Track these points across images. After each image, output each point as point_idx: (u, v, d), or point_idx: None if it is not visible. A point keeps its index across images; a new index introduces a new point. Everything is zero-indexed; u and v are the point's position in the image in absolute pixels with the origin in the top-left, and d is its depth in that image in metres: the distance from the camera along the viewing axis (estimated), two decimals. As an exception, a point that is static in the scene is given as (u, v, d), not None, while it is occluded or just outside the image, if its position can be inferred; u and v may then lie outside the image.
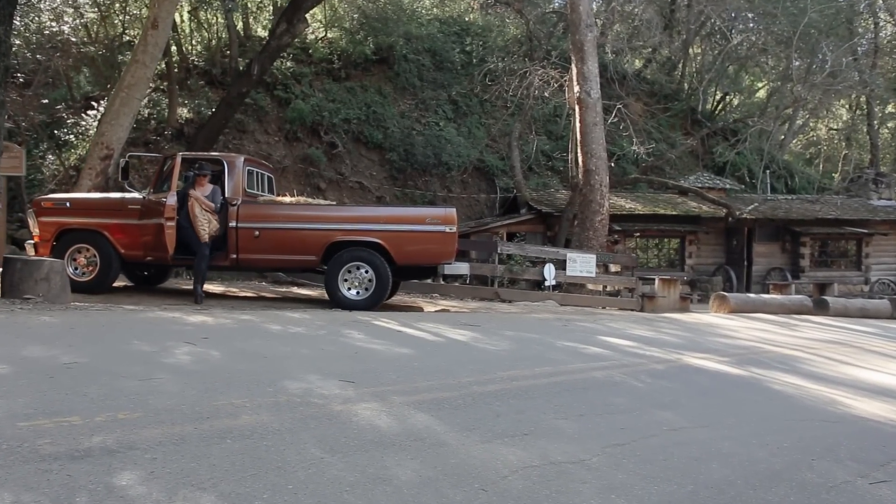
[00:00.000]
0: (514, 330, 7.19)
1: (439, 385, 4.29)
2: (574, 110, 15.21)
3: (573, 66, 14.75)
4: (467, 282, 8.75)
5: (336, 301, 8.27)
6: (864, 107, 25.83)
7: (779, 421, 4.53)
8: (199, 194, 8.06)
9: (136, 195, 8.62)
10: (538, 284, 12.22)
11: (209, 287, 10.17)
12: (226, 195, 8.36)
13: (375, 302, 8.28)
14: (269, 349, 4.87)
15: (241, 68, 13.87)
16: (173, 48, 19.49)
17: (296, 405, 3.46)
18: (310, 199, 8.74)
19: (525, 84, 15.68)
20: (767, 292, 18.06)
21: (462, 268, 8.47)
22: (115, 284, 9.54)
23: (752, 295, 12.72)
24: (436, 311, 9.17)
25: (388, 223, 8.33)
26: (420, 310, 9.35)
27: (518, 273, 11.42)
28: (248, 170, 8.74)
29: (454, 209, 8.35)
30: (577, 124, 14.63)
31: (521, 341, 6.47)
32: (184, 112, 18.81)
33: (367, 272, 8.30)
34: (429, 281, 11.47)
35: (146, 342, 4.65)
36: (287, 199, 8.84)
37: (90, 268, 8.35)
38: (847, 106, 32.01)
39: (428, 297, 10.99)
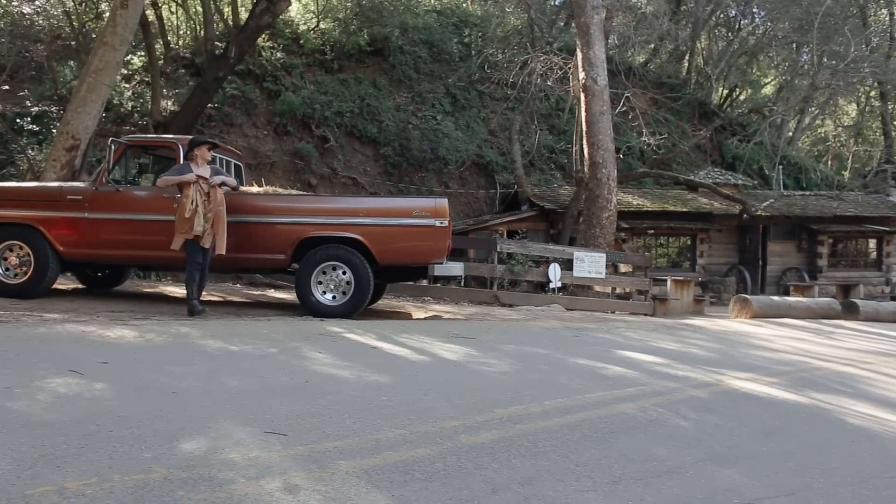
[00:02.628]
0: (515, 343, 5.87)
1: (412, 435, 2.98)
2: (579, 99, 13.90)
3: (578, 52, 13.44)
4: (461, 284, 7.46)
5: (308, 307, 6.96)
6: (879, 100, 24.46)
7: (884, 479, 3.23)
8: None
9: (80, 185, 7.31)
10: (541, 286, 10.93)
11: (170, 290, 8.87)
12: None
13: (354, 308, 6.97)
14: (187, 380, 3.55)
15: (216, 52, 12.55)
16: (158, 40, 18.28)
17: (174, 487, 2.14)
18: (279, 189, 7.43)
19: (527, 71, 14.35)
20: (785, 294, 16.72)
21: (455, 268, 7.14)
22: (64, 287, 8.26)
23: (775, 298, 11.39)
24: (426, 319, 7.85)
25: (369, 216, 7.01)
26: (408, 316, 8.03)
27: (520, 274, 10.11)
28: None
29: (446, 200, 7.02)
30: (583, 113, 13.31)
31: (524, 359, 5.14)
32: (168, 104, 17.57)
33: (344, 273, 6.99)
34: (424, 283, 10.18)
35: (7, 371, 3.33)
36: (254, 188, 7.52)
37: (23, 268, 7.03)
38: (855, 102, 30.75)
39: (419, 300, 9.66)
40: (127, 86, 18.79)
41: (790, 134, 27.02)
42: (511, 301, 9.76)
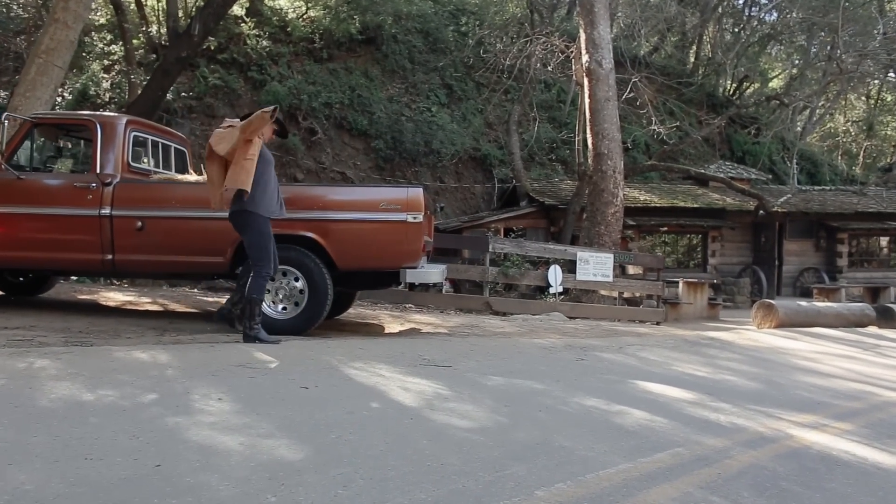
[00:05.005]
0: (503, 373, 4.42)
1: None
2: (582, 85, 12.45)
3: (581, 32, 11.99)
4: (442, 291, 6.07)
5: (252, 321, 5.53)
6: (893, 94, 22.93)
7: None
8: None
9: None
10: (540, 290, 9.50)
11: (111, 296, 7.45)
12: (98, 169, 5.63)
13: (308, 322, 5.53)
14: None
15: (179, 30, 11.11)
16: (140, 31, 16.93)
17: None
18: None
19: (525, 54, 12.87)
20: (803, 295, 15.24)
21: (433, 274, 5.68)
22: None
23: (803, 303, 9.91)
24: (400, 332, 6.41)
25: (327, 210, 5.56)
26: (380, 330, 6.59)
27: (515, 277, 8.66)
28: (136, 136, 5.99)
29: (421, 190, 5.58)
30: (587, 100, 11.85)
31: (512, 401, 3.70)
32: (146, 95, 16.17)
33: (296, 280, 5.56)
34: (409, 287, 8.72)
35: None
36: (191, 177, 6.08)
37: None
38: (865, 96, 29.30)
39: (398, 308, 8.20)
40: (105, 76, 17.46)
41: (799, 129, 25.52)
42: (505, 308, 8.33)
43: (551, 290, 8.67)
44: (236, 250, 5.57)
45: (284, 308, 5.61)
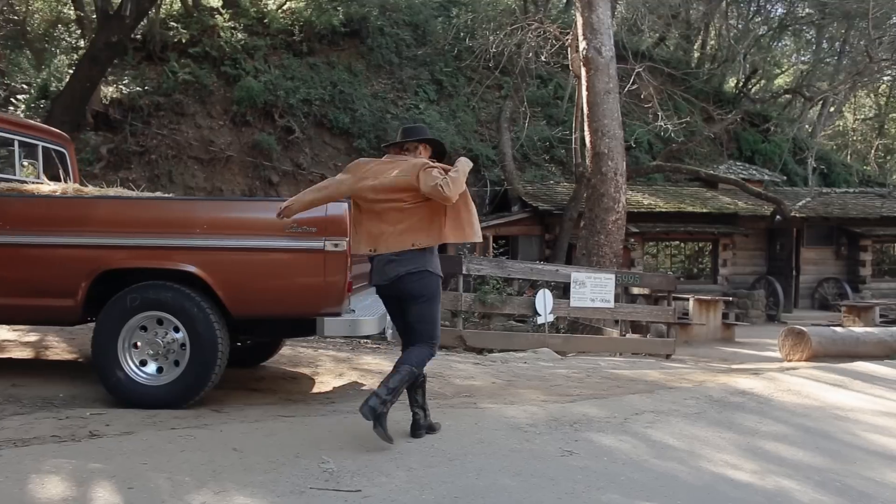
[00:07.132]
0: (441, 502, 2.71)
1: None
2: (579, 76, 10.76)
3: (578, 16, 10.31)
4: (387, 339, 4.47)
5: (112, 388, 3.86)
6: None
7: None
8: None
9: None
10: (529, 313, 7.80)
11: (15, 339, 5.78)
12: None
13: (190, 389, 3.86)
14: None
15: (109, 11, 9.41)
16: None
17: None
18: (84, 188, 4.32)
19: (515, 41, 11.14)
20: (822, 308, 13.52)
21: (364, 325, 3.94)
22: None
23: (839, 330, 8.15)
24: (332, 391, 4.69)
25: (213, 234, 3.85)
26: (309, 387, 4.89)
27: (495, 305, 6.96)
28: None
29: (345, 206, 3.87)
30: (584, 92, 10.16)
31: None
32: (109, 92, 14.59)
33: (177, 331, 3.88)
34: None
35: None
36: (45, 186, 4.38)
37: None
38: (872, 95, 27.54)
39: (350, 345, 6.46)
40: (71, 71, 15.89)
41: (808, 127, 23.75)
42: (482, 344, 6.63)
43: (539, 321, 6.97)
44: (91, 290, 3.89)
45: (159, 370, 3.92)
